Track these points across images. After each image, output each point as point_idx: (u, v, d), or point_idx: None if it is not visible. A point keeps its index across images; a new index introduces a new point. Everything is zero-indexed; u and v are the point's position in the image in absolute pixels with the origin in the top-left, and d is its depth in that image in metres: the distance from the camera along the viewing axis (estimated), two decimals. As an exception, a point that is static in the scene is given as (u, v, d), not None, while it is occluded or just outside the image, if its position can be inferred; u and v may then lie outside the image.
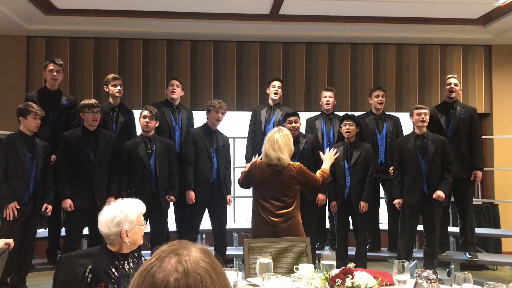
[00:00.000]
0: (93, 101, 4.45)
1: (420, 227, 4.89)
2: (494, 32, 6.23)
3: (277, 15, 5.74)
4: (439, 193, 4.54)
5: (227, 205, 4.89)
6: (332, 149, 3.95)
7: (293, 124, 4.74)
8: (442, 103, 5.14)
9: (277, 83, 5.28)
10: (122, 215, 2.18)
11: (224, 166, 4.82)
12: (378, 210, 5.30)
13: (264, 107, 5.33)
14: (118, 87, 4.82)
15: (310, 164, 4.82)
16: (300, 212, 3.67)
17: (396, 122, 5.22)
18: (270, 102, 5.32)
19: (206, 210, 4.87)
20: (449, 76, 5.10)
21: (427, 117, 4.64)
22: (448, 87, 4.97)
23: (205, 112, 4.88)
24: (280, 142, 3.53)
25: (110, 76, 4.90)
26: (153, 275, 0.92)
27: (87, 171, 4.38)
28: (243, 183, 3.78)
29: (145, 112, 4.52)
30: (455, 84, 4.97)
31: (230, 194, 4.95)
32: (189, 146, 4.76)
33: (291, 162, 3.58)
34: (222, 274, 0.97)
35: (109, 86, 4.84)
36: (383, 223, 5.50)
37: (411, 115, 4.72)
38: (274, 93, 5.25)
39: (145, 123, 4.50)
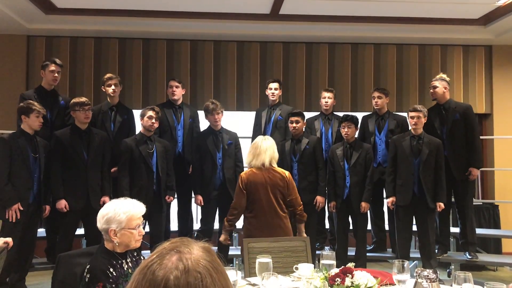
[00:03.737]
0: (83, 99, 4.41)
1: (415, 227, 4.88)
2: (495, 33, 6.22)
3: (278, 14, 5.73)
4: (442, 205, 4.59)
5: None
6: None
7: (294, 125, 4.75)
8: (435, 105, 5.06)
9: (273, 85, 5.22)
10: (112, 214, 2.15)
11: (232, 164, 4.83)
12: (383, 210, 5.28)
13: (265, 108, 5.33)
14: (113, 87, 4.82)
15: (310, 164, 4.84)
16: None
17: (401, 122, 5.09)
18: (270, 102, 5.31)
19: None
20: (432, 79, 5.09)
21: (421, 120, 4.59)
22: (429, 91, 5.01)
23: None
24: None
25: (106, 76, 4.91)
26: (153, 272, 0.91)
27: (80, 170, 4.34)
28: None
29: (151, 113, 4.51)
30: (434, 87, 4.93)
31: None
32: (193, 152, 4.87)
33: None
34: (223, 274, 0.96)
35: (105, 87, 4.86)
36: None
37: (408, 116, 4.74)
38: (272, 95, 5.23)
39: (151, 124, 4.51)
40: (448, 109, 4.90)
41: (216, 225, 5.01)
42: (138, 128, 5.08)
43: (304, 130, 4.93)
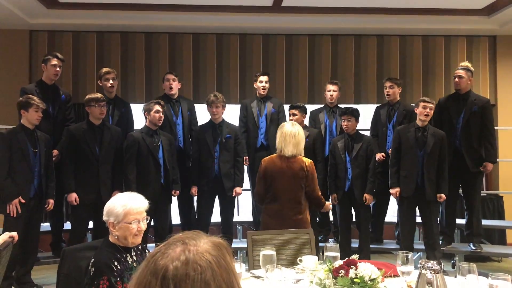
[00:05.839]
0: (98, 95, 4.47)
1: (419, 219, 4.86)
2: (499, 23, 6.17)
3: (280, 7, 5.70)
4: (443, 196, 4.57)
5: (234, 197, 4.90)
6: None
7: (291, 117, 4.76)
8: (453, 93, 5.01)
9: (264, 78, 5.23)
10: (111, 206, 2.18)
11: (229, 158, 4.81)
12: (387, 203, 5.25)
13: (254, 100, 5.31)
14: (111, 81, 4.83)
15: (309, 157, 4.80)
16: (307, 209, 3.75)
17: (410, 113, 4.98)
18: (258, 95, 5.29)
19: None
20: (458, 67, 5.00)
21: (432, 111, 4.57)
22: (454, 80, 4.92)
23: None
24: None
25: (103, 70, 4.90)
26: (155, 261, 0.93)
27: (92, 165, 4.38)
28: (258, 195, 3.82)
29: (159, 107, 4.53)
30: (459, 77, 4.84)
31: (241, 186, 4.89)
32: (192, 143, 4.89)
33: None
34: (228, 270, 0.95)
35: (102, 81, 4.85)
36: (388, 216, 5.48)
37: (417, 106, 4.67)
38: (262, 89, 5.22)
39: (159, 117, 4.53)
40: (467, 100, 4.82)
41: (214, 219, 5.03)
42: (137, 121, 5.09)
43: (306, 123, 4.92)
